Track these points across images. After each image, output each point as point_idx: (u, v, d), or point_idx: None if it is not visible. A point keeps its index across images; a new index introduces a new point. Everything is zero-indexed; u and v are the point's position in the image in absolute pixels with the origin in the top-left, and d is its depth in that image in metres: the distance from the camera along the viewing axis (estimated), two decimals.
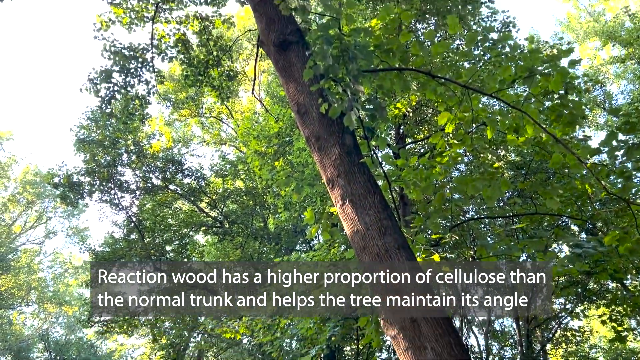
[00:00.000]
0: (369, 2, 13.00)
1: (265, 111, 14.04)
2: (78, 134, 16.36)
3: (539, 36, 23.76)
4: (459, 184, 4.58)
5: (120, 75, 11.08)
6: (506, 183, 4.49)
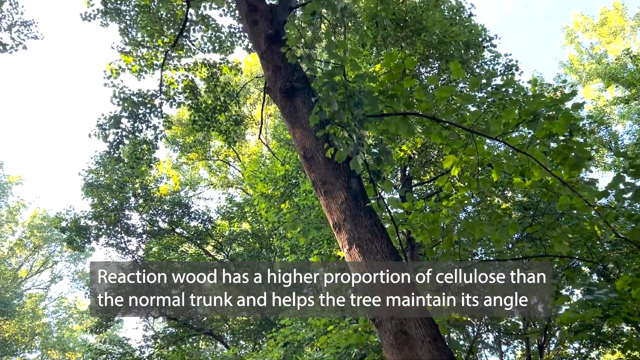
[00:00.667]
0: (373, 48, 13.30)
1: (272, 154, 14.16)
2: (86, 178, 16.51)
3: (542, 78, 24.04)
4: (466, 227, 4.55)
5: (128, 121, 11.27)
6: (514, 226, 4.46)
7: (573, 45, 27.30)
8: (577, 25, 27.52)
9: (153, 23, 11.74)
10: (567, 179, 4.24)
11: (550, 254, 7.33)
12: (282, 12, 6.03)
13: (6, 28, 12.28)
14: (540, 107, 4.18)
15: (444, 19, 12.30)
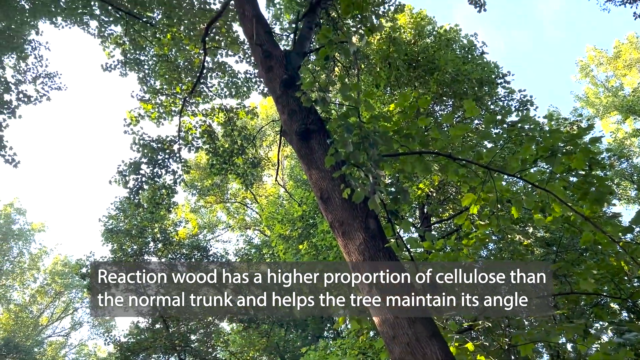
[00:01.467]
0: (386, 88, 13.46)
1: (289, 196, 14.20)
2: (106, 224, 16.69)
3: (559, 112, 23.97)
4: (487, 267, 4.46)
5: (148, 167, 11.46)
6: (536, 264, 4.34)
7: (588, 79, 27.30)
8: (591, 59, 27.60)
9: (171, 71, 12.09)
10: (589, 214, 4.15)
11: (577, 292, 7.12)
12: (296, 57, 6.17)
13: (31, 80, 12.74)
14: (557, 143, 4.15)
15: (456, 58, 12.44)
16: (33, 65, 13.01)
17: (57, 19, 12.75)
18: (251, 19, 6.53)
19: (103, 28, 12.50)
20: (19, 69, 12.82)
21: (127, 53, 12.60)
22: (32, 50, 12.88)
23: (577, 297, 9.12)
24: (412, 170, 4.96)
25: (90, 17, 12.23)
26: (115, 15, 11.93)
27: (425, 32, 14.00)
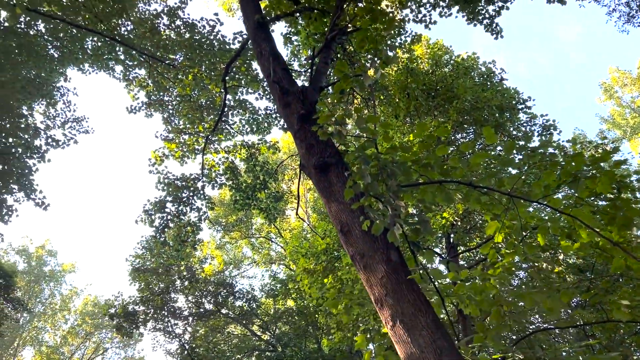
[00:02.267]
0: (406, 118, 13.47)
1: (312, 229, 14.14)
2: (133, 263, 16.84)
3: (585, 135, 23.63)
4: (515, 297, 4.32)
5: (173, 205, 11.61)
6: (567, 293, 4.20)
7: (613, 101, 26.91)
8: (615, 80, 27.25)
9: (194, 110, 12.37)
10: (618, 239, 4.01)
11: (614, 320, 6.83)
12: (312, 92, 6.25)
13: (59, 125, 13.18)
14: (580, 167, 4.05)
15: (475, 86, 12.42)
16: (62, 110, 13.48)
17: (84, 66, 13.24)
18: (268, 57, 6.66)
19: (127, 72, 12.92)
20: (48, 115, 13.29)
21: (151, 95, 12.96)
22: (61, 97, 13.37)
23: (614, 326, 8.75)
24: (432, 200, 4.89)
25: (115, 62, 12.67)
26: (139, 59, 12.34)
27: (443, 61, 14.06)
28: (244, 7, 7.80)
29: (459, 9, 10.69)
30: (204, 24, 11.96)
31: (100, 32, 11.33)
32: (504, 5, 10.50)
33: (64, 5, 11.26)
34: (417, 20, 11.13)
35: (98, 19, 11.25)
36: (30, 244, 35.61)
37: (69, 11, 11.19)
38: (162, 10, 12.20)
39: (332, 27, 6.91)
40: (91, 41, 12.29)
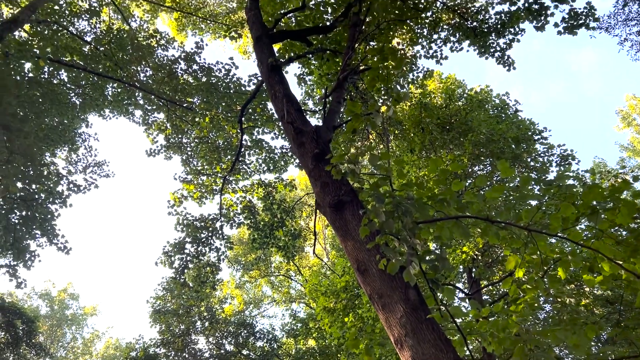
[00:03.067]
0: (422, 152, 13.49)
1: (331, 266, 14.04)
2: (154, 305, 16.83)
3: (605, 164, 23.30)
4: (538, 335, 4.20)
5: (192, 246, 11.67)
6: (592, 328, 4.07)
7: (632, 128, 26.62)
8: (632, 107, 27.03)
9: (211, 152, 12.56)
10: None
11: None
12: (326, 131, 6.32)
13: (81, 170, 13.47)
14: (597, 199, 4.00)
15: (489, 118, 12.43)
16: (83, 155, 13.80)
17: (105, 111, 13.63)
18: (282, 99, 6.79)
19: (147, 116, 13.26)
20: (70, 160, 13.61)
21: (170, 137, 13.24)
22: (82, 142, 13.72)
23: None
24: (450, 236, 4.84)
25: (135, 106, 13.02)
26: (158, 103, 12.67)
27: (456, 95, 14.14)
28: (258, 51, 8.01)
29: (470, 43, 10.81)
30: (220, 68, 12.28)
31: (120, 79, 11.70)
32: (515, 37, 10.59)
33: (85, 55, 11.70)
34: (429, 56, 11.27)
35: (118, 66, 11.64)
36: (53, 288, 35.90)
37: (90, 60, 11.61)
38: (179, 55, 12.58)
39: (344, 67, 7.04)
40: (111, 88, 12.69)
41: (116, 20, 16.43)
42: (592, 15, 9.01)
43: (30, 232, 11.27)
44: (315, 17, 10.06)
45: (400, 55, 6.13)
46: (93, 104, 12.74)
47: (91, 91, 12.42)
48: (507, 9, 10.01)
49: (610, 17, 13.77)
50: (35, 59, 7.88)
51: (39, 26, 11.32)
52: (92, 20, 13.00)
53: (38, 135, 10.17)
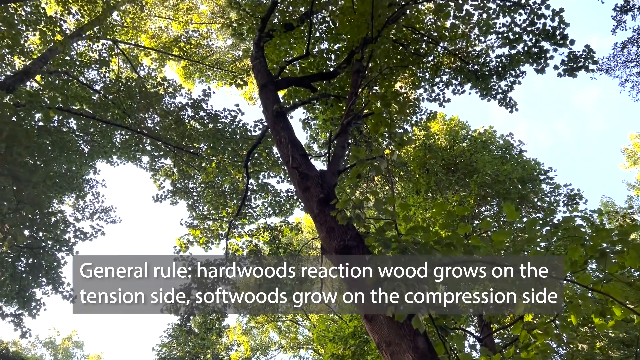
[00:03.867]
0: (428, 193, 13.49)
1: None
2: (160, 353, 16.54)
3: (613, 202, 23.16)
4: None
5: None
6: None
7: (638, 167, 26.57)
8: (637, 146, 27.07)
9: (217, 197, 12.62)
10: None
11: None
12: (331, 176, 6.36)
13: (88, 217, 13.53)
14: (605, 241, 3.97)
15: (494, 159, 12.48)
16: (90, 202, 13.90)
17: (113, 158, 13.80)
18: (287, 144, 6.87)
19: (154, 162, 13.40)
20: (77, 207, 13.70)
21: (176, 183, 13.33)
22: (90, 189, 13.83)
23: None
24: (457, 281, 4.80)
25: (142, 153, 13.18)
26: (165, 149, 12.82)
27: (460, 136, 14.25)
28: (264, 98, 8.17)
29: (472, 86, 10.97)
30: (226, 114, 12.49)
31: (128, 126, 11.90)
32: (516, 80, 10.75)
33: (94, 103, 11.95)
34: (431, 99, 11.43)
35: (126, 114, 11.86)
36: (57, 336, 35.41)
37: (99, 108, 11.85)
38: (187, 102, 12.83)
39: (348, 112, 7.14)
40: (119, 135, 12.88)
41: (125, 69, 16.87)
42: (591, 57, 9.16)
43: (36, 280, 11.22)
44: (319, 64, 10.30)
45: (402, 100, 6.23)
46: (101, 151, 12.91)
47: (100, 138, 12.61)
48: (507, 52, 10.21)
49: (609, 59, 13.98)
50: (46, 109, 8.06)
51: (50, 76, 11.62)
52: (102, 70, 13.35)
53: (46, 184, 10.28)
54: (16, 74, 11.02)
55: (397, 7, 7.93)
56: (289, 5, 9.92)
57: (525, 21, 9.34)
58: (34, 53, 12.76)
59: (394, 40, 10.04)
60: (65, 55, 12.20)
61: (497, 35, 9.93)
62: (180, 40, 17.59)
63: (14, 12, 10.30)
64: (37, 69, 11.54)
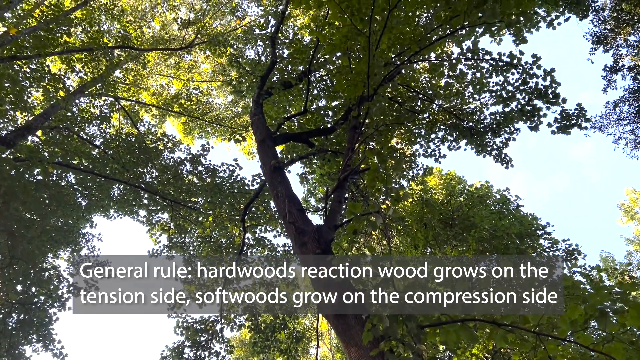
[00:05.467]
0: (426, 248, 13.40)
1: None
2: None
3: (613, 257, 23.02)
4: None
5: (191, 350, 11.25)
6: None
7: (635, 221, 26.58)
8: (633, 201, 27.18)
9: (214, 251, 12.51)
10: None
11: None
12: (328, 231, 6.35)
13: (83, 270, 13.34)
14: (604, 300, 3.92)
15: (492, 214, 12.49)
16: (85, 256, 13.74)
17: (110, 212, 13.77)
18: (284, 199, 6.90)
19: (151, 216, 13.36)
20: (72, 262, 13.53)
21: (173, 237, 13.25)
22: (86, 243, 13.71)
23: None
24: (457, 340, 4.69)
25: (139, 207, 13.17)
26: (162, 203, 12.83)
27: (457, 191, 14.32)
28: (262, 153, 8.27)
29: (467, 142, 11.13)
30: (224, 169, 12.58)
31: (127, 180, 11.96)
32: (510, 137, 10.92)
33: (94, 158, 12.06)
34: (427, 155, 11.57)
35: (125, 168, 11.94)
36: None
37: (98, 163, 11.95)
38: (185, 157, 12.95)
39: (345, 168, 7.22)
40: (117, 189, 12.92)
41: (126, 124, 17.14)
42: (584, 115, 9.36)
43: (26, 337, 10.93)
44: (317, 121, 10.49)
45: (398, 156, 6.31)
46: (99, 205, 12.91)
47: (97, 192, 12.64)
48: (502, 110, 10.43)
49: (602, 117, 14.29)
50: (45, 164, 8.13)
51: (51, 132, 11.78)
52: (103, 125, 13.55)
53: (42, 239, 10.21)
54: (18, 129, 11.17)
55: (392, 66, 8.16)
56: (288, 64, 10.22)
57: (518, 80, 9.59)
58: (37, 109, 12.99)
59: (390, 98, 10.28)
60: (67, 112, 12.42)
61: (491, 93, 10.18)
62: (180, 97, 17.97)
63: (18, 69, 10.57)
64: (39, 124, 11.71)
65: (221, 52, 14.40)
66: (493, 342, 9.84)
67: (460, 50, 8.95)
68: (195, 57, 18.34)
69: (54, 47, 11.79)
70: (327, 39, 7.46)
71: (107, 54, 13.49)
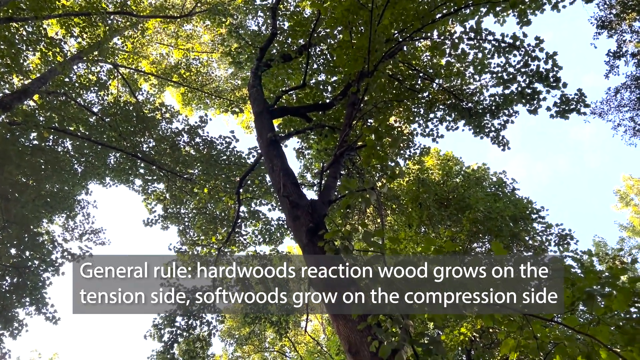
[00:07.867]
0: (420, 227, 13.46)
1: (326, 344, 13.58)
2: None
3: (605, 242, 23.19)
4: None
5: (183, 319, 11.38)
6: None
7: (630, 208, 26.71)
8: (629, 188, 27.26)
9: (208, 223, 12.55)
10: None
11: None
12: (321, 206, 6.35)
13: (77, 237, 13.39)
14: (592, 284, 3.95)
15: (487, 196, 12.51)
16: (80, 223, 13.77)
17: (106, 179, 13.75)
18: (279, 172, 6.88)
19: (147, 186, 13.35)
20: (67, 228, 13.57)
21: (168, 208, 13.26)
22: (81, 209, 13.72)
23: None
24: (445, 319, 4.75)
25: (135, 176, 13.14)
26: (159, 174, 12.80)
27: (454, 172, 14.32)
28: (259, 126, 8.22)
29: (465, 123, 11.08)
30: (221, 141, 12.53)
31: (124, 149, 11.91)
32: (509, 119, 10.87)
33: (91, 125, 11.98)
34: (425, 135, 11.52)
35: (122, 137, 11.88)
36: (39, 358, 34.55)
37: (95, 130, 11.87)
38: (183, 128, 12.88)
39: (341, 144, 7.18)
40: (114, 157, 12.87)
41: (124, 92, 16.99)
42: (583, 101, 9.30)
43: (20, 300, 11.02)
44: (315, 95, 10.41)
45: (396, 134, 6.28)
46: (95, 172, 12.87)
47: (94, 160, 12.59)
48: (501, 92, 10.36)
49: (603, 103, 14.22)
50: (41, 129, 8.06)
51: (48, 97, 11.67)
52: (101, 93, 13.43)
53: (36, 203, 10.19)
54: (14, 93, 11.06)
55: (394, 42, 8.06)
56: (288, 37, 10.08)
57: (520, 62, 9.50)
58: (33, 73, 12.84)
59: (390, 75, 10.18)
60: (65, 77, 12.28)
61: (492, 74, 10.09)
62: (180, 67, 17.78)
63: (15, 32, 10.40)
64: (36, 88, 11.59)
65: (221, 22, 14.18)
66: (481, 322, 9.97)
67: (463, 30, 8.82)
68: (195, 26, 18.09)
69: (51, 10, 11.58)
70: (328, 12, 7.35)
71: (106, 19, 13.28)
